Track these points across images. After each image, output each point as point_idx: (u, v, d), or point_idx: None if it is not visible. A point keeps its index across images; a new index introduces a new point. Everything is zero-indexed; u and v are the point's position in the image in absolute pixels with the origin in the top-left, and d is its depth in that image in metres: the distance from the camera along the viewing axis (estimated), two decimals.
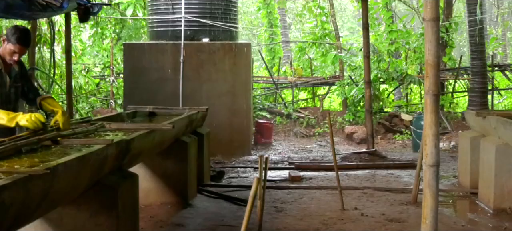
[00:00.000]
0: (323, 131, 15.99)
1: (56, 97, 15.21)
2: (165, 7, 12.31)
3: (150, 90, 11.54)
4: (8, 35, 5.39)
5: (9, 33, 5.41)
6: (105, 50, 18.52)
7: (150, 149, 6.16)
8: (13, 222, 3.21)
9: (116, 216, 4.57)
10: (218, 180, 9.24)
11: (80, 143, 4.73)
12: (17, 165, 3.86)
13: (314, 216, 6.91)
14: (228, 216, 6.97)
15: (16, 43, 5.36)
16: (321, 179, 9.23)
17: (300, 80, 18.52)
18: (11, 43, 5.37)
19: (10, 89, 5.59)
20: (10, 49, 5.39)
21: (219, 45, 11.98)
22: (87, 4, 8.59)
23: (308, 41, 19.57)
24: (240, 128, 11.97)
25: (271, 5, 22.42)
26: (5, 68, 5.51)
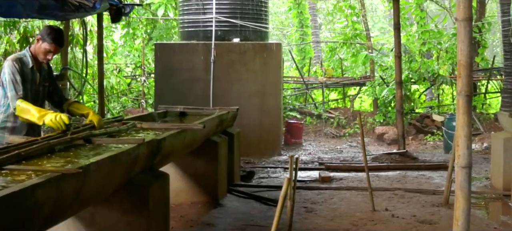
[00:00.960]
0: (354, 131, 15.92)
1: (88, 97, 15.38)
2: (196, 7, 12.35)
3: (180, 90, 11.59)
4: (43, 35, 5.47)
5: (44, 33, 5.49)
6: (136, 50, 18.64)
7: (180, 148, 6.18)
8: (46, 220, 3.25)
9: (147, 215, 4.59)
10: (248, 180, 9.25)
11: (112, 142, 4.76)
12: (50, 164, 3.90)
13: (344, 217, 6.88)
14: (258, 216, 6.97)
15: (52, 42, 5.45)
16: (351, 179, 9.19)
17: (331, 81, 18.47)
18: (46, 42, 5.44)
19: (39, 87, 5.68)
20: (45, 48, 5.46)
21: (250, 45, 11.98)
22: (119, 5, 8.66)
23: (339, 41, 19.50)
24: (270, 128, 11.96)
25: (302, 5, 22.37)
26: (36, 66, 5.60)
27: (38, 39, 5.51)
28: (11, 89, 5.34)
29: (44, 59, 5.55)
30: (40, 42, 5.48)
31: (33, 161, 3.91)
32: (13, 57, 5.51)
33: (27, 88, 5.49)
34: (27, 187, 2.90)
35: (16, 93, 5.32)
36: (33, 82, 5.58)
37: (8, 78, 5.37)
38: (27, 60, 5.53)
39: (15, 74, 5.37)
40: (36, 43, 5.54)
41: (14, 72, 5.37)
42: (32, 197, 2.92)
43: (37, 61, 5.59)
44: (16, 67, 5.40)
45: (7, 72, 5.38)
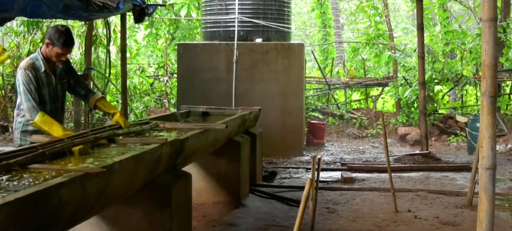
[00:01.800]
0: (376, 132, 15.86)
1: (111, 97, 15.47)
2: (218, 7, 12.38)
3: (203, 90, 11.63)
4: (52, 40, 5.40)
5: (53, 38, 5.40)
6: (159, 50, 18.71)
7: (203, 148, 6.20)
8: (70, 219, 3.28)
9: (169, 215, 4.62)
10: (270, 180, 9.25)
11: (135, 142, 4.79)
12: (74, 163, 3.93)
13: (367, 218, 6.86)
14: (280, 217, 6.97)
15: (63, 47, 5.41)
16: (373, 180, 9.16)
17: (353, 81, 18.39)
18: (57, 47, 5.39)
19: (57, 87, 5.67)
20: (57, 52, 5.42)
21: (272, 45, 11.99)
22: (142, 5, 8.70)
23: (362, 41, 19.41)
24: (292, 128, 11.95)
25: (325, 6, 22.31)
26: (50, 68, 5.56)
27: (47, 43, 5.45)
28: (27, 99, 5.29)
29: (58, 61, 5.54)
30: (50, 47, 5.43)
31: (57, 161, 3.95)
32: (25, 65, 5.42)
33: (44, 93, 5.47)
34: (52, 186, 2.93)
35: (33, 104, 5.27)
36: (49, 85, 5.55)
37: (22, 89, 5.32)
38: (39, 64, 5.47)
39: (29, 83, 5.32)
40: (45, 47, 5.48)
41: (28, 81, 5.33)
42: (56, 196, 2.95)
43: (50, 63, 5.55)
44: (29, 76, 5.34)
45: (20, 82, 5.34)
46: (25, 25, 14.25)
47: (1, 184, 3.23)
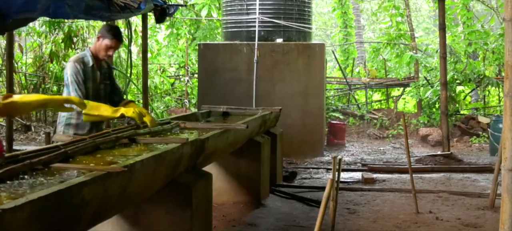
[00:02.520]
0: (397, 132, 15.79)
1: (132, 97, 15.55)
2: (239, 8, 12.40)
3: (224, 90, 11.65)
4: (103, 33, 5.83)
5: (104, 30, 5.87)
6: (180, 50, 18.79)
7: (224, 148, 6.20)
8: (92, 218, 3.29)
9: (190, 214, 4.62)
10: (291, 181, 9.24)
11: (156, 141, 4.81)
12: (96, 162, 3.95)
13: (388, 219, 6.83)
14: (300, 217, 6.96)
15: (113, 38, 5.79)
16: (394, 181, 9.12)
17: (374, 81, 18.34)
18: (107, 39, 5.77)
19: (100, 85, 5.95)
20: (107, 45, 5.78)
21: (293, 45, 11.99)
22: (164, 5, 8.74)
23: (383, 41, 19.35)
24: (313, 128, 11.94)
25: (346, 6, 22.25)
26: (97, 65, 5.89)
27: (98, 37, 5.85)
28: (74, 89, 5.64)
29: (105, 55, 5.87)
30: (101, 40, 5.81)
31: (79, 159, 3.97)
32: (75, 59, 5.81)
33: (88, 86, 5.78)
34: (74, 184, 2.94)
35: (79, 94, 5.61)
36: (94, 81, 5.86)
37: (70, 79, 5.67)
38: (87, 59, 5.82)
39: (77, 75, 5.68)
40: (96, 41, 5.88)
41: (76, 73, 5.68)
42: (79, 195, 2.97)
43: (97, 60, 5.89)
44: (77, 68, 5.70)
45: (69, 73, 5.68)
46: (47, 25, 14.38)
47: (24, 183, 3.25)
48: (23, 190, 3.10)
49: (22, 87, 14.98)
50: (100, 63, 5.96)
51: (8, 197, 2.94)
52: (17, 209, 2.47)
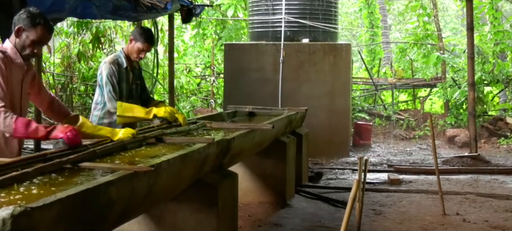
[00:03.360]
0: (424, 133, 15.68)
1: (159, 97, 15.63)
2: (265, 8, 12.40)
3: (249, 90, 11.66)
4: (135, 35, 5.92)
5: (137, 33, 5.95)
6: (206, 50, 18.84)
7: (249, 148, 6.21)
8: (118, 217, 3.32)
9: (216, 214, 4.64)
10: (316, 181, 9.23)
11: (182, 141, 4.83)
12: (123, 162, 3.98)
13: (414, 221, 6.79)
14: (326, 218, 6.95)
15: (145, 42, 5.89)
16: (421, 182, 9.06)
17: (401, 82, 18.23)
18: (139, 42, 5.88)
19: (132, 85, 6.09)
20: (139, 47, 5.90)
21: (319, 46, 11.96)
22: (190, 6, 8.78)
23: (410, 42, 19.22)
24: (339, 129, 11.90)
25: (372, 6, 22.15)
26: (129, 66, 6.02)
27: (131, 39, 5.95)
28: (108, 90, 5.78)
29: (137, 58, 5.99)
30: (133, 42, 5.91)
31: (107, 159, 4.00)
32: (110, 60, 5.92)
33: (122, 87, 5.92)
34: (101, 184, 2.97)
35: (113, 95, 5.76)
36: (127, 82, 5.99)
37: (104, 80, 5.81)
38: (121, 61, 5.95)
39: (112, 76, 5.80)
40: (129, 43, 5.99)
41: (111, 74, 5.81)
42: (106, 194, 2.99)
43: (129, 61, 6.01)
44: (112, 69, 5.82)
45: (104, 75, 5.82)
46: (75, 26, 14.50)
47: (52, 182, 3.28)
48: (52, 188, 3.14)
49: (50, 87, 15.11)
50: (132, 64, 6.09)
51: (37, 195, 2.98)
52: (46, 207, 2.50)
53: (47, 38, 4.36)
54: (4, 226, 2.30)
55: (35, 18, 4.21)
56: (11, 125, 3.98)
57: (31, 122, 4.04)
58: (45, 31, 4.26)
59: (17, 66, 4.29)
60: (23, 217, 2.34)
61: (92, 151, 3.87)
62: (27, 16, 4.21)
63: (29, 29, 4.21)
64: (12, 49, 4.26)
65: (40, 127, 4.01)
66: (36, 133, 4.00)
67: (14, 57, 4.27)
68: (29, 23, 4.20)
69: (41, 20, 4.22)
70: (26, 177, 3.19)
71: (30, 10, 4.26)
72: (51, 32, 4.37)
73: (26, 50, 4.27)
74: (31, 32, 4.21)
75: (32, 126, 3.99)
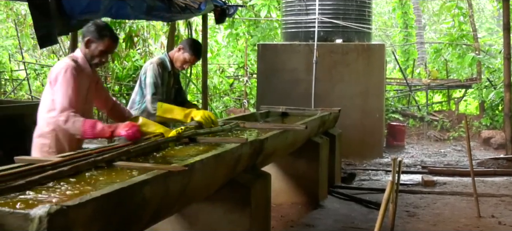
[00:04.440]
0: (458, 135, 15.52)
1: (192, 97, 15.71)
2: (299, 8, 12.39)
3: (282, 91, 11.65)
4: (185, 46, 6.04)
5: (187, 44, 6.07)
6: (239, 50, 18.87)
7: (282, 149, 6.21)
8: (152, 216, 3.34)
9: (249, 214, 4.64)
10: (349, 182, 9.19)
11: (216, 141, 4.85)
12: (157, 162, 4.01)
13: (448, 223, 6.73)
14: (358, 219, 6.92)
15: (193, 55, 6.03)
16: (455, 184, 8.97)
17: (435, 83, 18.06)
18: (187, 53, 6.02)
19: (172, 89, 6.23)
20: (185, 58, 6.03)
21: (352, 46, 11.91)
22: (223, 6, 8.80)
23: (444, 42, 19.03)
24: (372, 130, 11.84)
25: (407, 5, 21.98)
26: (172, 70, 6.16)
27: (179, 48, 6.07)
28: (151, 91, 5.88)
29: (181, 67, 6.13)
30: (181, 51, 6.04)
31: (141, 158, 4.03)
32: (157, 61, 6.06)
33: (163, 90, 6.02)
34: (136, 183, 2.99)
35: (156, 96, 5.86)
36: (167, 85, 6.11)
37: (149, 80, 5.91)
38: (166, 64, 6.08)
39: (157, 77, 5.92)
40: (176, 50, 6.11)
41: (157, 75, 5.93)
42: (140, 193, 3.01)
43: (173, 65, 6.13)
44: (158, 71, 5.95)
45: (150, 75, 5.93)
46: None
47: (87, 181, 3.32)
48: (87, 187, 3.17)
49: None
50: (175, 69, 6.20)
51: (72, 194, 3.01)
52: (81, 206, 2.52)
53: (114, 48, 4.81)
54: (40, 224, 2.33)
55: (102, 30, 4.63)
56: (80, 128, 4.36)
57: (97, 123, 4.41)
58: (112, 42, 4.69)
59: (85, 74, 4.68)
60: (59, 216, 2.37)
61: (126, 150, 3.90)
62: (95, 29, 4.62)
63: (97, 41, 4.62)
64: (82, 59, 4.69)
65: (105, 127, 4.38)
66: (103, 133, 4.38)
67: (84, 67, 4.67)
68: (97, 35, 4.61)
69: (108, 32, 4.65)
70: (61, 175, 3.23)
71: (97, 23, 4.68)
72: (117, 42, 4.82)
73: (95, 60, 4.70)
74: (100, 43, 4.63)
75: (98, 126, 4.37)
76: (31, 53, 22.74)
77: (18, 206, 2.68)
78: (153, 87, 5.88)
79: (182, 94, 6.49)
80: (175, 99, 6.24)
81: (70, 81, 4.47)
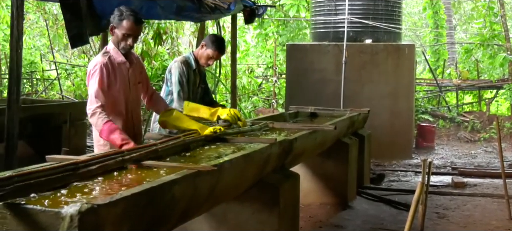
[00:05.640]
0: (489, 136, 15.34)
1: (221, 97, 15.75)
2: (328, 8, 12.35)
3: (311, 91, 11.63)
4: (207, 42, 6.06)
5: (209, 40, 6.09)
6: (268, 51, 18.87)
7: (311, 149, 6.20)
8: (181, 216, 3.35)
9: (277, 215, 4.65)
10: (378, 183, 9.14)
11: (245, 141, 4.85)
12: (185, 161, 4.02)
13: (479, 225, 6.66)
14: (387, 220, 6.88)
15: (216, 50, 6.05)
16: (486, 186, 8.87)
17: (466, 83, 17.89)
18: (210, 49, 6.03)
19: (198, 88, 6.25)
20: (208, 54, 6.05)
21: (382, 46, 11.84)
22: (253, 6, 8.80)
23: (475, 42, 18.83)
24: (401, 130, 11.76)
25: (437, 5, 21.79)
26: (198, 69, 6.18)
27: (202, 45, 6.09)
28: (177, 90, 5.91)
29: (205, 64, 6.14)
30: (204, 48, 6.06)
31: (170, 158, 4.05)
32: (182, 60, 6.09)
33: (189, 88, 6.04)
34: (165, 182, 3.01)
35: (182, 94, 5.89)
36: (194, 84, 6.14)
37: (175, 79, 5.94)
38: (191, 63, 6.11)
39: (182, 75, 5.95)
40: (200, 48, 6.13)
41: (182, 73, 5.95)
42: (169, 193, 3.03)
43: (198, 64, 6.15)
44: (183, 69, 5.97)
45: (175, 73, 5.96)
46: None
47: (116, 180, 3.35)
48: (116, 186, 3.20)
49: None
50: (200, 68, 6.22)
51: (102, 192, 3.04)
52: (111, 204, 2.54)
53: (136, 30, 4.75)
54: (71, 222, 2.36)
55: (122, 13, 4.65)
56: (100, 126, 4.42)
57: (116, 131, 4.39)
58: (132, 22, 4.67)
59: (120, 64, 4.76)
60: (90, 214, 2.40)
61: (155, 149, 3.92)
62: (116, 13, 4.67)
63: (118, 25, 4.67)
64: (114, 49, 4.77)
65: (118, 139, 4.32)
66: (114, 142, 4.36)
67: (116, 57, 4.76)
68: (117, 19, 4.66)
69: (127, 13, 4.64)
70: (90, 174, 3.26)
71: (119, 8, 4.71)
72: (139, 24, 4.75)
73: (121, 45, 4.74)
74: (120, 27, 4.66)
75: (114, 134, 4.36)
76: (62, 53, 23.00)
77: (50, 204, 2.71)
78: (179, 85, 5.91)
79: (209, 94, 6.52)
80: (203, 99, 6.26)
81: (99, 77, 4.57)
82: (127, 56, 4.83)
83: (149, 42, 15.07)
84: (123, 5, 4.81)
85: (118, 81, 4.73)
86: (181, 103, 5.79)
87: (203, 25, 11.40)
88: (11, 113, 5.04)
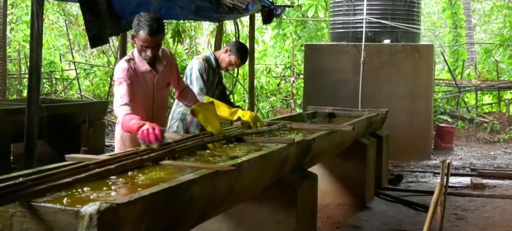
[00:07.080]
0: (509, 137, 15.23)
1: (239, 97, 15.77)
2: (346, 8, 12.32)
3: (329, 91, 11.61)
4: (232, 48, 6.08)
5: (233, 47, 6.11)
6: (286, 51, 18.86)
7: (329, 149, 6.20)
8: (199, 215, 3.36)
9: (295, 215, 4.64)
10: (396, 184, 9.11)
11: (263, 141, 4.86)
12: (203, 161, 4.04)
13: (498, 227, 6.62)
14: (406, 221, 6.85)
15: (239, 58, 6.07)
16: (506, 187, 8.81)
17: (485, 84, 17.77)
18: (234, 56, 6.05)
19: (216, 89, 6.28)
20: (230, 61, 6.08)
21: (400, 47, 11.79)
22: (271, 6, 8.81)
23: (495, 42, 18.71)
24: (420, 131, 11.70)
25: (456, 6, 21.67)
26: (217, 70, 6.21)
27: (227, 50, 6.10)
28: (198, 85, 5.90)
29: (225, 68, 6.19)
30: (228, 53, 6.07)
31: (187, 157, 4.07)
32: (203, 57, 6.12)
33: (208, 87, 6.03)
34: (184, 182, 3.01)
35: (202, 89, 5.90)
36: (212, 84, 6.15)
37: (195, 74, 5.95)
38: (211, 62, 6.12)
39: (202, 72, 5.95)
40: (223, 51, 6.14)
41: (202, 70, 5.96)
42: (188, 192, 3.04)
43: (218, 65, 6.17)
44: (204, 66, 5.99)
45: (195, 69, 5.96)
46: None
47: (134, 179, 3.36)
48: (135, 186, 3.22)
49: None
50: (219, 70, 6.25)
51: (120, 192, 3.06)
52: (130, 204, 2.56)
53: (152, 41, 4.51)
54: (90, 221, 2.37)
55: (138, 24, 4.45)
56: (121, 117, 4.33)
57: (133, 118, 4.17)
58: (146, 35, 4.45)
59: (144, 72, 4.67)
60: (109, 213, 2.41)
61: (173, 149, 3.93)
62: (135, 22, 4.48)
63: (137, 35, 4.50)
64: (138, 57, 4.64)
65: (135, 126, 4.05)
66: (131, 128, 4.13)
67: (140, 65, 4.65)
68: (135, 28, 4.48)
69: (142, 24, 4.43)
70: (109, 173, 3.28)
71: (138, 15, 4.50)
72: (154, 35, 4.49)
73: (142, 55, 4.59)
74: (138, 37, 4.50)
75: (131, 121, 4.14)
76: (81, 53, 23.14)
77: (69, 203, 2.72)
78: (200, 81, 5.91)
79: (225, 96, 6.54)
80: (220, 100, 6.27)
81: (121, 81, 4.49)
82: (153, 63, 4.70)
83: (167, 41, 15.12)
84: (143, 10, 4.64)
85: (141, 89, 4.65)
86: (202, 98, 5.78)
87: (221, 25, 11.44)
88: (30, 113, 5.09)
